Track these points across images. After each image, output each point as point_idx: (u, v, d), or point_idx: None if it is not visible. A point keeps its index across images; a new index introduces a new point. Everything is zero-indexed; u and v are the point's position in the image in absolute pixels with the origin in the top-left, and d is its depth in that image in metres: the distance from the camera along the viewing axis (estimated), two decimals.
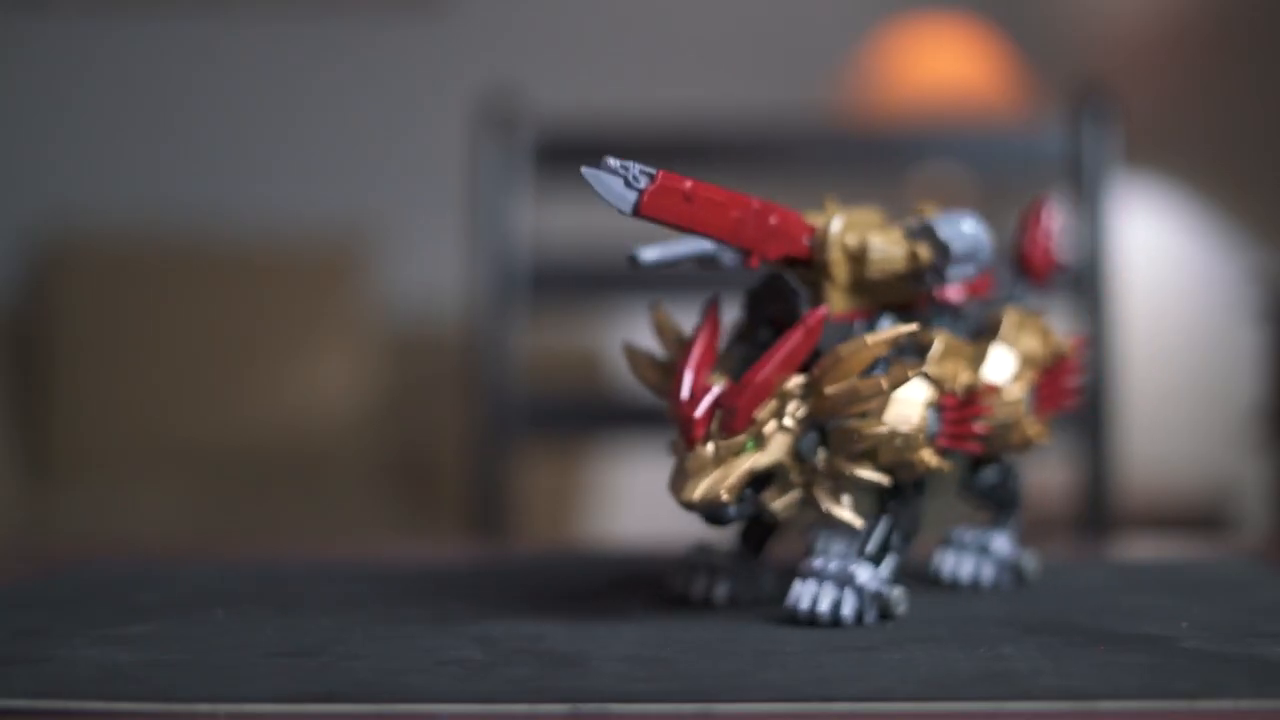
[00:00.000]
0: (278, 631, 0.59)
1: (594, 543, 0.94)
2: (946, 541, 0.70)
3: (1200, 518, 2.10)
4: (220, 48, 2.93)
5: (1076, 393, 0.69)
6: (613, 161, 0.56)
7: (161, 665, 0.53)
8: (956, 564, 0.68)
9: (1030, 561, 0.70)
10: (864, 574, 0.60)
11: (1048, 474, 1.95)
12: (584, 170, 0.56)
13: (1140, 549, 1.10)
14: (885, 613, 0.60)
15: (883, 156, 1.38)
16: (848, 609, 0.59)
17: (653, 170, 0.57)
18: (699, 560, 0.65)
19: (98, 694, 0.49)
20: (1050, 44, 2.70)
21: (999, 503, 0.70)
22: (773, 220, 0.60)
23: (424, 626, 0.60)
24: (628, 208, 0.56)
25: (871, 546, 0.61)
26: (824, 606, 0.59)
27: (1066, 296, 1.30)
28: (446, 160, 2.52)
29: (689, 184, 0.57)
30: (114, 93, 2.92)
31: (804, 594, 0.60)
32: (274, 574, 0.74)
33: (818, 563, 0.60)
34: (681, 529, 0.76)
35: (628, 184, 0.56)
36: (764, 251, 0.60)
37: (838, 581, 0.60)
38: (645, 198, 0.56)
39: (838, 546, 0.72)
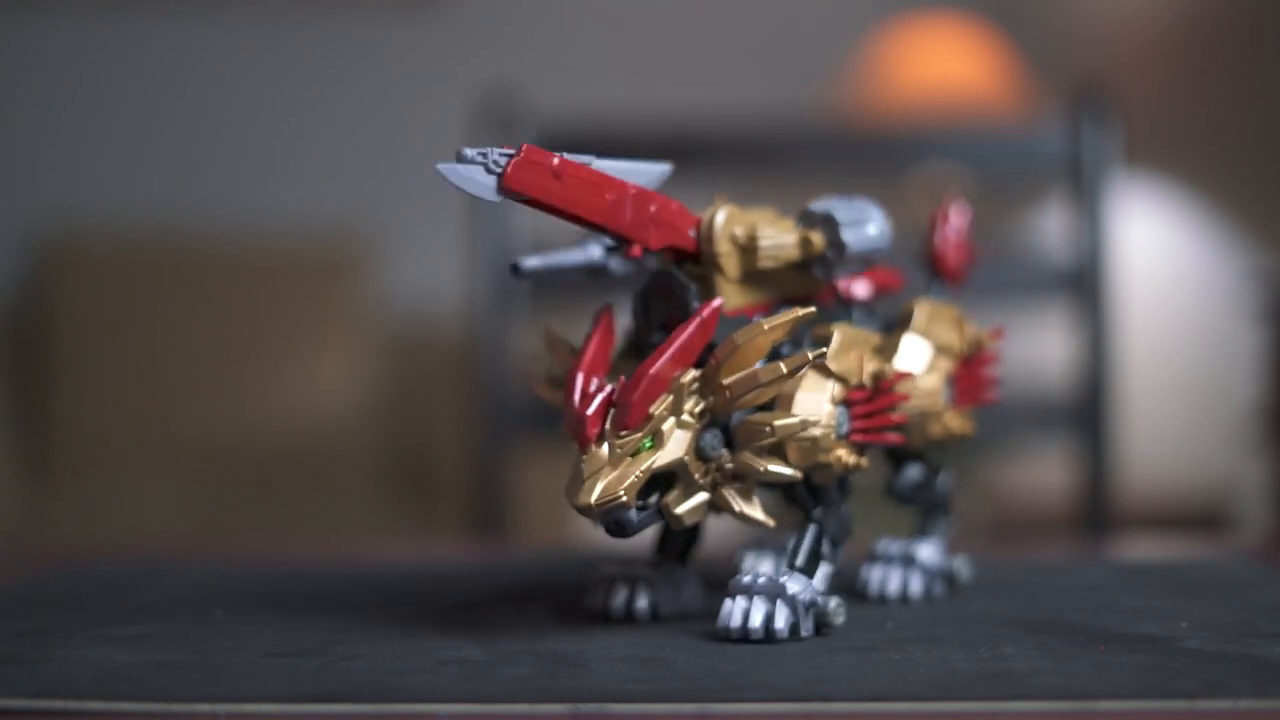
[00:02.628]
0: (277, 631, 0.59)
1: (594, 543, 0.94)
2: (872, 555, 0.66)
3: (1200, 518, 2.10)
4: (219, 47, 2.93)
5: (995, 384, 0.67)
6: (469, 151, 0.53)
7: (161, 665, 0.53)
8: (884, 578, 0.65)
9: (963, 567, 0.67)
10: (795, 585, 0.57)
11: (1048, 474, 1.95)
12: (439, 167, 0.52)
13: (1140, 549, 1.10)
14: (822, 624, 0.58)
15: (883, 156, 1.38)
16: (781, 623, 0.56)
17: (513, 150, 0.53)
18: (617, 573, 0.62)
19: (97, 694, 0.49)
20: (1050, 44, 2.70)
21: (926, 506, 0.68)
22: (652, 208, 0.57)
23: (424, 626, 0.60)
24: (491, 193, 0.53)
25: (801, 558, 0.59)
26: (755, 622, 0.56)
27: (1066, 297, 1.30)
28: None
29: (557, 160, 0.54)
30: (114, 93, 2.92)
31: (735, 611, 0.57)
32: (274, 574, 0.74)
33: (747, 578, 0.57)
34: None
35: (488, 170, 0.53)
36: (644, 239, 0.57)
37: (769, 595, 0.57)
38: (509, 171, 0.53)
39: (767, 565, 0.69)
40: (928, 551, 0.66)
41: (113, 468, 2.51)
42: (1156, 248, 2.35)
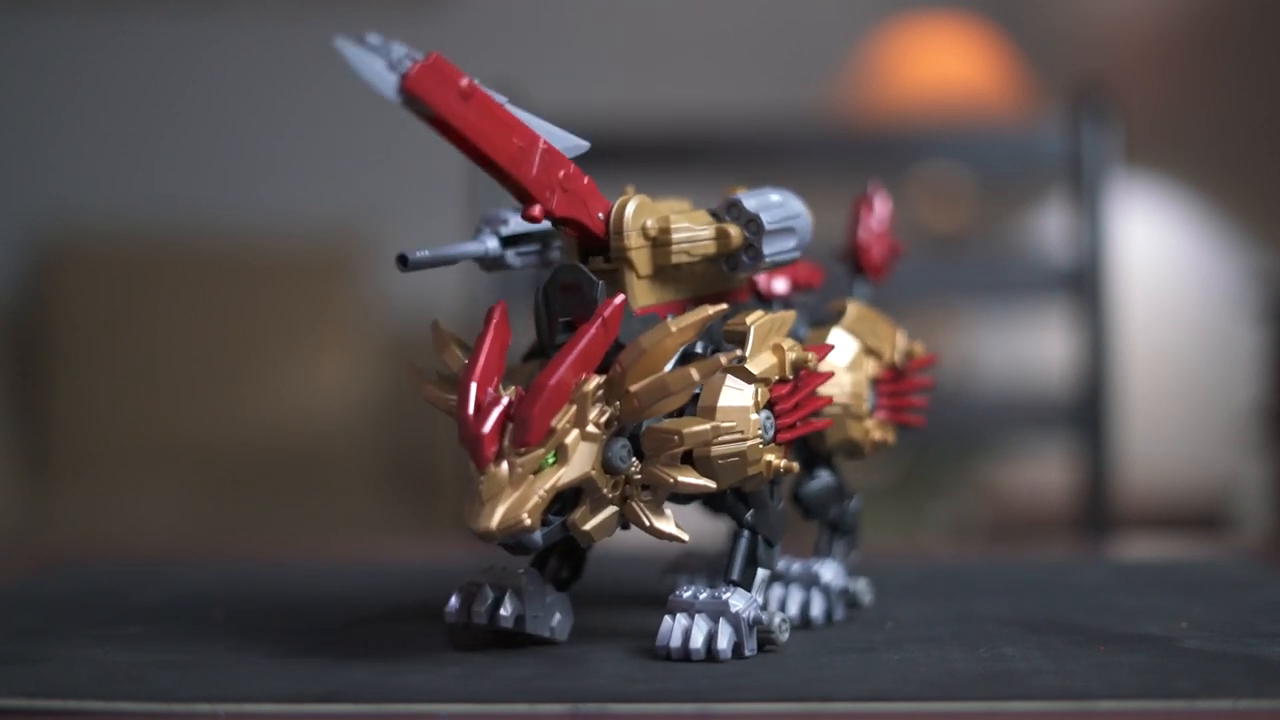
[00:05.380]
0: (278, 631, 0.59)
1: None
2: (774, 576, 0.62)
3: (1200, 518, 2.10)
4: (219, 47, 2.93)
5: (922, 408, 0.63)
6: (373, 37, 0.49)
7: (161, 665, 0.53)
8: (783, 598, 0.61)
9: (865, 590, 0.64)
10: (739, 602, 0.54)
11: (1048, 474, 1.95)
12: (337, 43, 0.48)
13: (1140, 549, 1.10)
14: (766, 640, 0.55)
15: (883, 156, 1.38)
16: (724, 643, 0.54)
17: (421, 56, 0.49)
18: (486, 580, 0.57)
19: (97, 694, 0.49)
20: (1050, 44, 2.70)
21: (832, 523, 0.64)
22: (561, 173, 0.53)
23: (424, 626, 0.60)
24: (390, 91, 0.48)
25: (738, 570, 0.56)
26: (698, 643, 0.53)
27: (1066, 297, 1.30)
28: (446, 159, 2.52)
29: (466, 81, 0.49)
30: (114, 93, 2.92)
31: (675, 630, 0.54)
32: (274, 574, 0.74)
33: (687, 594, 0.55)
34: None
35: (391, 66, 0.48)
36: (548, 201, 0.53)
37: (710, 614, 0.54)
38: (412, 73, 0.48)
39: (701, 580, 0.67)
40: (830, 573, 0.62)
41: (113, 468, 2.51)
42: (1156, 248, 2.35)
